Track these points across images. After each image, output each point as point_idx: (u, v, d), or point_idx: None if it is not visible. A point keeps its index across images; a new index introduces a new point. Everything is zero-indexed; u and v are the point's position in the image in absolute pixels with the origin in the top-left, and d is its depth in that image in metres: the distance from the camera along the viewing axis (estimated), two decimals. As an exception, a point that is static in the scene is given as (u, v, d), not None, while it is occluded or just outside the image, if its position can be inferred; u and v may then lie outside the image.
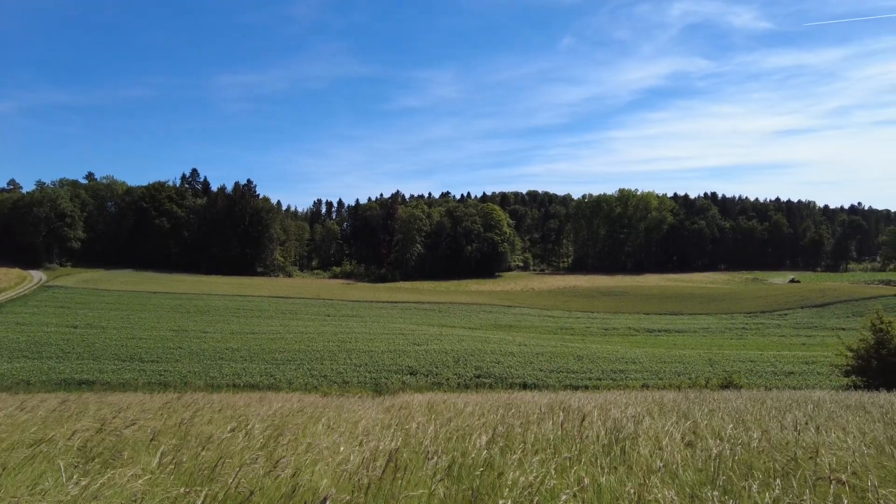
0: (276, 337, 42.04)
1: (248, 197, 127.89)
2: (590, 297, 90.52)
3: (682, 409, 7.01)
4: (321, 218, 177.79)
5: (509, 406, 7.57)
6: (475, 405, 7.95)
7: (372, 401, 11.89)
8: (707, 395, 11.12)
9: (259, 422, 5.50)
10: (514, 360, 33.49)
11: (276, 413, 6.47)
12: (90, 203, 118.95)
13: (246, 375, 29.32)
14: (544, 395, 12.01)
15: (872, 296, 71.69)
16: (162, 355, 34.69)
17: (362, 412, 6.75)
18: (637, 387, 22.38)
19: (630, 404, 7.51)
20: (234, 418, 6.10)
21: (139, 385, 26.05)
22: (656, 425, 5.31)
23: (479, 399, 11.26)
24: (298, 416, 6.24)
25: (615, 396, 10.77)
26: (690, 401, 8.84)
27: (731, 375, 21.03)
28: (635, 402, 8.25)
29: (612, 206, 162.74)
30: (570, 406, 6.98)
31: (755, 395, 11.61)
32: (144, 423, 5.60)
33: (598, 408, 6.75)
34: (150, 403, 8.85)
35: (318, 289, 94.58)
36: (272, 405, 7.90)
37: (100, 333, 42.46)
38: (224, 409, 7.42)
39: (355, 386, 27.12)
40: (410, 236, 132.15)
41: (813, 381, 27.25)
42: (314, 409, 6.92)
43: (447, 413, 6.46)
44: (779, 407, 7.85)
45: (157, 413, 6.91)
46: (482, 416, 6.22)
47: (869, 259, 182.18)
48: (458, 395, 13.23)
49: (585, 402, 7.55)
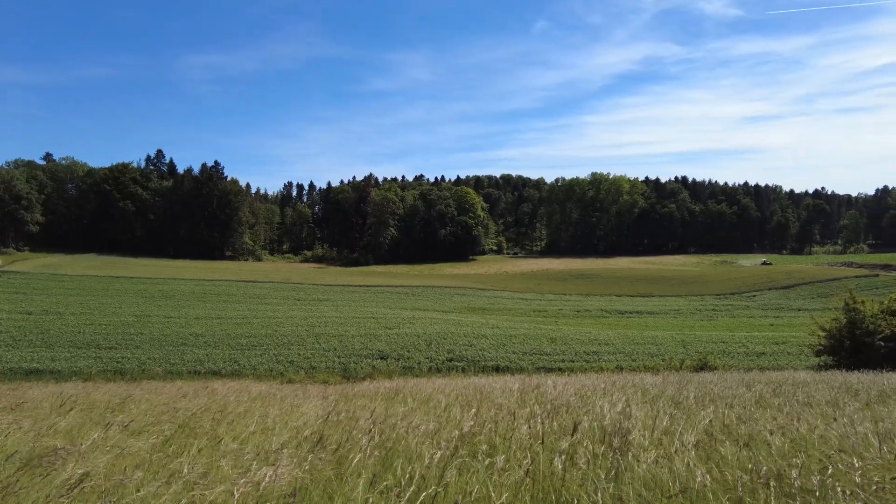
0: (243, 322, 40.73)
1: (215, 179, 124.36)
2: (563, 279, 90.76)
3: (668, 396, 6.35)
4: (292, 201, 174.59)
5: (479, 393, 6.81)
6: (443, 393, 7.19)
7: (334, 388, 11.10)
8: (687, 378, 10.60)
9: (166, 422, 4.59)
10: (487, 343, 32.97)
11: (197, 412, 5.49)
12: (48, 185, 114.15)
13: (209, 362, 28.11)
14: (516, 380, 11.34)
15: (836, 277, 73.42)
16: (121, 341, 33.16)
17: (305, 408, 5.85)
18: (611, 369, 22.08)
19: (611, 391, 6.83)
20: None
21: (92, 373, 24.66)
22: (654, 422, 4.54)
23: (448, 385, 10.55)
24: (205, 416, 5.25)
25: (592, 381, 10.15)
26: (674, 385, 8.25)
27: (705, 357, 20.83)
28: (615, 387, 7.60)
29: (585, 189, 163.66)
30: (545, 395, 6.24)
31: (738, 377, 11.15)
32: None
33: (577, 395, 6.01)
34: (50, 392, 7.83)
35: (288, 273, 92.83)
36: (213, 396, 7.00)
37: (56, 320, 40.52)
38: (155, 404, 6.50)
39: (323, 371, 26.21)
40: (384, 220, 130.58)
41: (784, 362, 27.38)
42: (250, 402, 6.03)
43: (403, 405, 5.61)
44: (779, 391, 7.27)
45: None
46: (444, 411, 5.40)
47: (831, 242, 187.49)
48: (427, 381, 12.50)
49: (562, 390, 6.85)
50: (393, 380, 15.86)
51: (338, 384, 19.00)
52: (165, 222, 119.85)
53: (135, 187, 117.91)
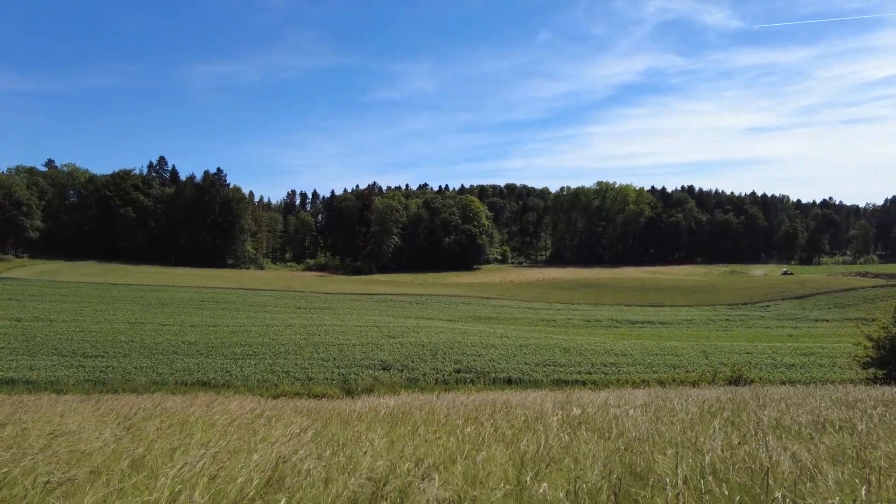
0: (240, 330, 38.94)
1: (217, 186, 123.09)
2: (569, 288, 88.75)
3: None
4: (295, 209, 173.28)
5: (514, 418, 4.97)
6: (462, 416, 5.38)
7: (328, 405, 9.30)
8: (765, 392, 8.75)
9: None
10: (496, 353, 31.06)
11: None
12: (49, 191, 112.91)
13: (198, 371, 26.24)
14: (544, 396, 9.53)
15: (852, 287, 71.24)
16: (109, 349, 31.39)
17: (257, 455, 3.88)
18: (637, 381, 20.19)
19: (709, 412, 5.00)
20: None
21: (69, 384, 22.84)
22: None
23: (463, 402, 8.74)
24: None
25: (635, 397, 8.33)
26: (755, 404, 6.41)
27: (740, 369, 18.98)
28: (684, 405, 5.78)
29: (591, 198, 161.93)
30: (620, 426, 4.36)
31: (812, 392, 9.32)
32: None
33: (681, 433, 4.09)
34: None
35: (289, 281, 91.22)
36: (133, 429, 5.12)
37: (45, 327, 38.83)
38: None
39: (321, 383, 24.33)
40: (387, 228, 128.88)
41: (818, 374, 25.41)
42: (171, 438, 4.17)
43: (414, 438, 3.74)
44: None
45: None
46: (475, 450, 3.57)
47: (840, 253, 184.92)
48: (436, 396, 10.70)
49: (634, 418, 5.02)
50: (397, 394, 14.07)
51: (336, 398, 17.24)
52: (167, 229, 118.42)
53: (136, 194, 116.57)
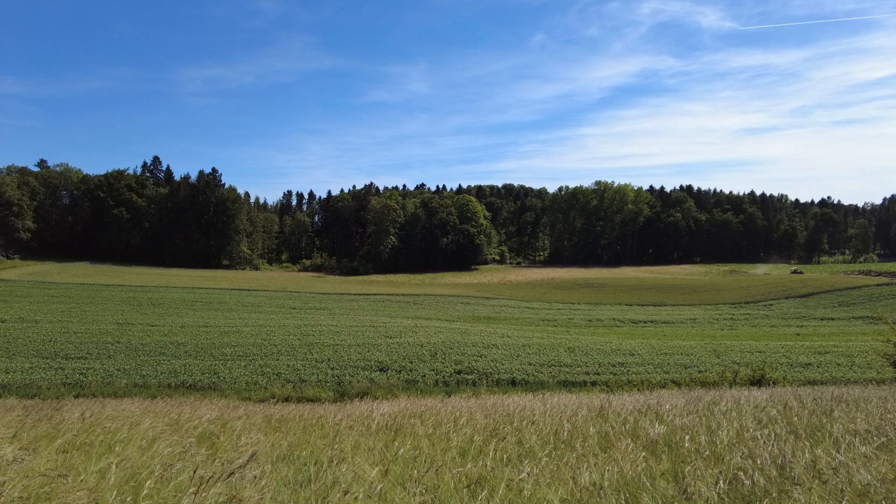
0: (231, 330, 37.57)
1: (212, 186, 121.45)
2: (569, 288, 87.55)
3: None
4: (291, 210, 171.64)
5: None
6: (477, 430, 4.08)
7: (314, 411, 8.02)
8: (828, 395, 7.52)
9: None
10: (498, 353, 29.76)
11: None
12: (41, 192, 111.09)
13: (184, 373, 24.85)
14: (566, 399, 8.26)
15: (856, 285, 70.26)
16: (93, 351, 30.00)
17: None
18: (654, 383, 18.94)
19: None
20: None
21: (43, 388, 21.52)
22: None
23: (470, 409, 7.44)
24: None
25: (676, 401, 7.09)
26: (821, 412, 5.19)
27: (762, 368, 17.78)
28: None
29: (589, 198, 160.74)
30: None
31: (872, 393, 8.09)
32: None
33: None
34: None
35: (285, 281, 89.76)
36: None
37: (29, 328, 37.42)
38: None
39: (313, 385, 22.99)
40: (384, 228, 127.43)
41: (838, 374, 24.23)
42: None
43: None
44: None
45: None
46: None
47: (839, 252, 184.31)
48: (440, 401, 9.41)
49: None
50: (395, 397, 12.80)
51: (328, 401, 15.96)
52: (161, 230, 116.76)
53: (130, 194, 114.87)
